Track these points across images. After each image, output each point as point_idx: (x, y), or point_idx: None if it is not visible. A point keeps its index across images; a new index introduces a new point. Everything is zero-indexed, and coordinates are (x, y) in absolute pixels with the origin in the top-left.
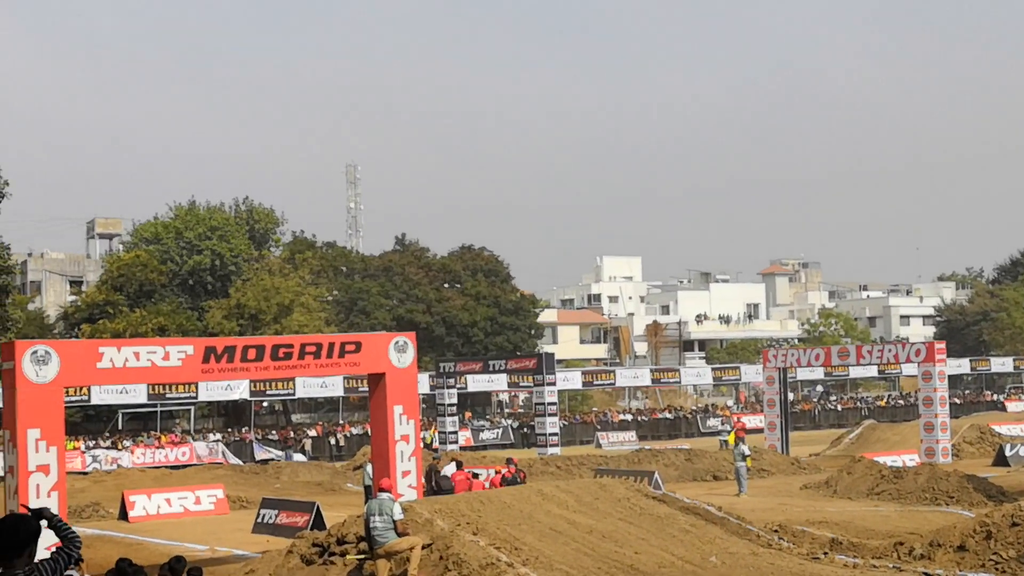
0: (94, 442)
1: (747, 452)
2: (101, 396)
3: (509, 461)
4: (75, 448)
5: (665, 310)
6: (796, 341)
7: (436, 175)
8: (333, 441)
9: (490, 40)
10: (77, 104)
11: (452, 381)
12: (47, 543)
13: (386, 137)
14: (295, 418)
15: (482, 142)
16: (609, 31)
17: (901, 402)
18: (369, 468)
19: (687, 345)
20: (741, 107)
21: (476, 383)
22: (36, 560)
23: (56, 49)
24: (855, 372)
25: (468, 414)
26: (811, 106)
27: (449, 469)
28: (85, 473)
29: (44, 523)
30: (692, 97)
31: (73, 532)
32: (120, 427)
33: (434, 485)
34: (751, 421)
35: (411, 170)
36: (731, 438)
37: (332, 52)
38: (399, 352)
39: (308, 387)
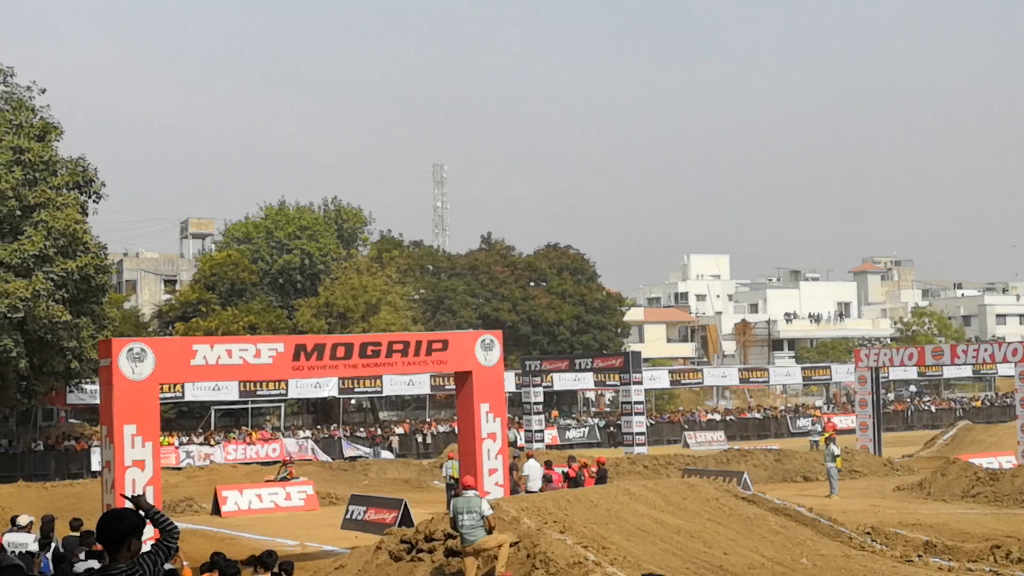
0: (187, 438)
1: (837, 453)
2: (194, 393)
3: (571, 460)
4: (169, 444)
5: (754, 309)
6: (889, 340)
7: (522, 174)
8: (420, 439)
9: (573, 37)
10: (171, 106)
11: (538, 379)
12: (146, 536)
13: (472, 136)
14: (382, 415)
15: (568, 139)
16: (692, 25)
17: (997, 403)
18: (449, 464)
19: (776, 344)
20: (831, 102)
21: (562, 382)
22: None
23: (150, 53)
24: (949, 372)
25: (555, 413)
26: (904, 102)
27: (532, 470)
28: (179, 468)
29: (142, 513)
30: (781, 92)
31: (171, 523)
32: (212, 424)
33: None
34: (842, 421)
35: (497, 169)
36: (823, 440)
37: (418, 53)
38: (485, 350)
39: (395, 385)
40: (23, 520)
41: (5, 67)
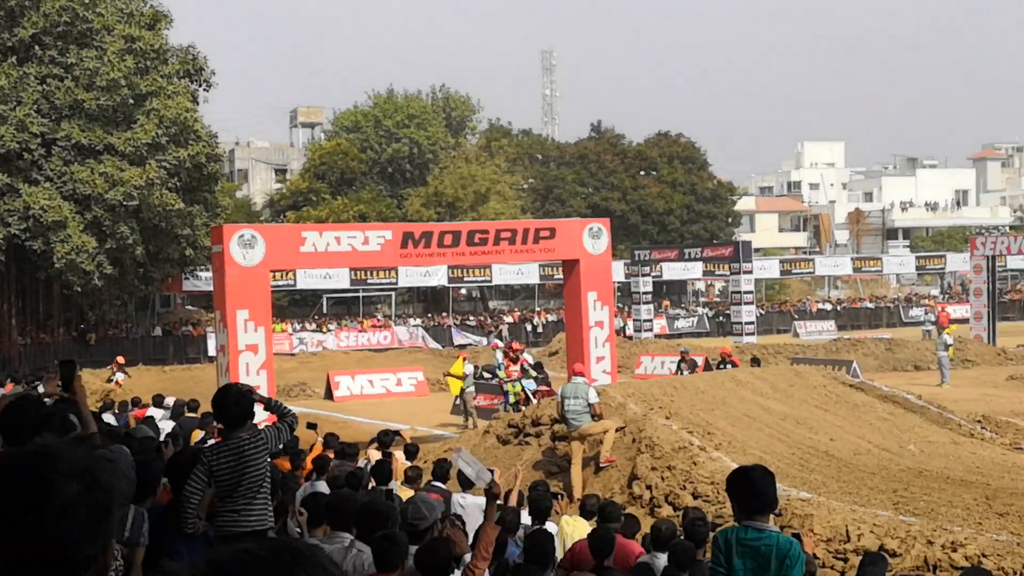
0: (300, 325)
1: (950, 342)
2: (306, 281)
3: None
4: (282, 331)
5: (868, 197)
6: (1007, 229)
7: (632, 61)
8: (529, 327)
9: None
10: None
11: (647, 269)
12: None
13: (582, 22)
14: (492, 304)
15: (678, 25)
16: None
17: None
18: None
19: (891, 233)
20: None
21: (671, 271)
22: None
23: None
24: None
25: (666, 303)
26: None
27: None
28: (292, 355)
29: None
30: None
31: (288, 409)
32: (324, 311)
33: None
34: (956, 311)
35: (607, 56)
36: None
37: None
38: (593, 238)
39: (504, 274)
40: (169, 401)
41: None
